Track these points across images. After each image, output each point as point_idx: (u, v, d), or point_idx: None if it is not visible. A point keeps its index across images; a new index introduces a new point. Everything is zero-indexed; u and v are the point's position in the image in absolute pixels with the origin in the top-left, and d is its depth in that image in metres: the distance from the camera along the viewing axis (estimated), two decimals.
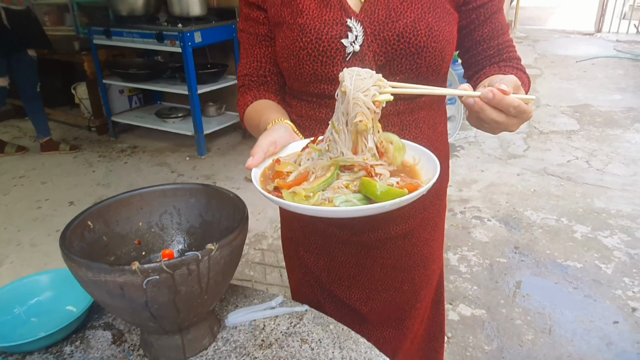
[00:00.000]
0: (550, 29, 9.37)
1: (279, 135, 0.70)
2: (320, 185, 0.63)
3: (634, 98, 4.82)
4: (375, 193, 0.59)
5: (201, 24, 3.27)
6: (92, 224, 0.81)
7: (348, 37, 0.76)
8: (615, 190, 2.97)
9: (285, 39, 0.79)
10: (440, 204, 0.96)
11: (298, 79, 0.81)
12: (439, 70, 0.79)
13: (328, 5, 0.77)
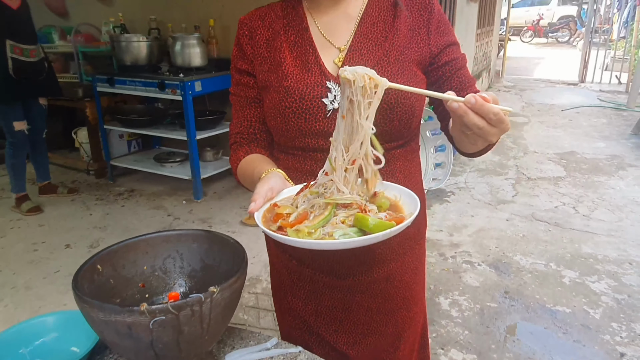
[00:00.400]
0: (537, 78, 9.76)
1: (274, 182, 0.78)
2: (321, 222, 0.70)
3: (617, 146, 5.00)
4: (368, 226, 0.67)
5: (201, 74, 3.42)
6: (101, 267, 0.86)
7: (328, 97, 0.86)
8: (602, 235, 3.05)
9: (272, 100, 0.89)
10: (419, 249, 1.02)
11: (284, 135, 0.90)
12: (410, 124, 0.88)
13: (309, 70, 0.88)
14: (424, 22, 0.90)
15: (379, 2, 0.92)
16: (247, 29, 0.94)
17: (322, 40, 0.90)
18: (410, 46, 0.89)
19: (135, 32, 4.09)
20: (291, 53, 0.90)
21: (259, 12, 0.96)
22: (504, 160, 4.58)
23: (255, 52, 0.93)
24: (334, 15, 0.91)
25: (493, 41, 8.95)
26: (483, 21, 7.56)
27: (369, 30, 0.90)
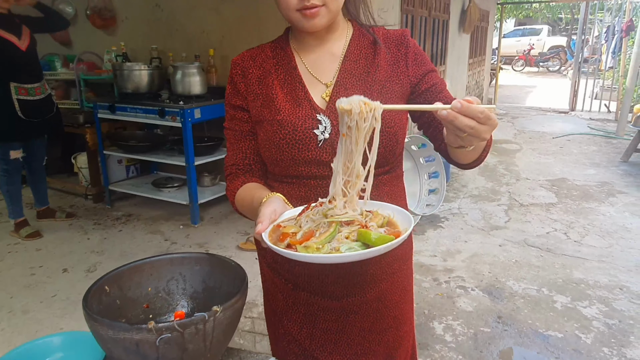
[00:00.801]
0: (528, 106, 9.97)
1: (277, 205, 0.83)
2: (327, 238, 0.75)
3: (607, 173, 5.11)
4: (371, 240, 0.73)
5: (201, 102, 3.51)
6: (109, 288, 0.91)
7: (319, 128, 0.93)
8: (593, 261, 3.10)
9: (266, 133, 0.96)
10: (407, 269, 1.08)
11: (279, 164, 0.96)
12: (394, 150, 0.96)
13: (300, 105, 0.95)
14: (401, 56, 0.98)
15: (360, 41, 1.00)
16: (239, 69, 1.02)
17: (309, 77, 0.98)
18: (392, 79, 0.97)
19: (136, 60, 4.20)
20: (282, 89, 0.98)
21: (250, 52, 1.04)
22: (497, 187, 4.66)
23: (249, 89, 1.00)
24: (320, 54, 0.99)
25: (485, 70, 9.19)
26: (475, 51, 7.79)
27: (352, 66, 0.97)
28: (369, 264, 0.98)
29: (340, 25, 1.00)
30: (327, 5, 0.89)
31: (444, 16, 5.54)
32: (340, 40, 1.00)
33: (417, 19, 4.61)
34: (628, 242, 3.39)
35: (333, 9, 0.91)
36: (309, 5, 0.87)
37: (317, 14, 0.89)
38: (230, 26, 3.88)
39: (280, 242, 0.77)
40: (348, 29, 1.01)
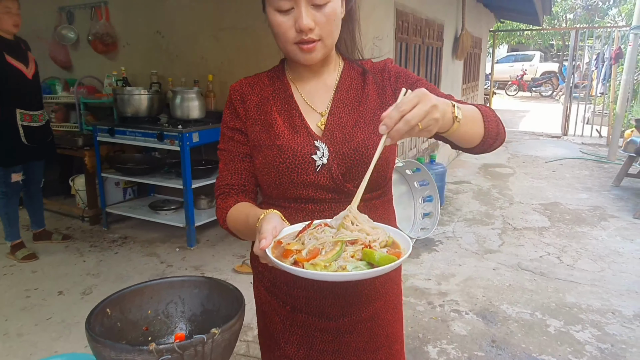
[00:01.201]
0: (522, 131, 10.12)
1: (276, 221, 0.85)
2: (334, 256, 0.78)
3: (599, 197, 5.18)
4: (375, 259, 0.76)
5: (199, 126, 3.58)
6: (110, 311, 0.94)
7: (317, 154, 0.98)
8: (585, 285, 3.13)
9: (266, 157, 1.00)
10: (397, 289, 1.13)
11: (278, 187, 1.00)
12: (385, 174, 1.02)
13: (298, 131, 1.00)
14: (386, 81, 1.05)
15: (350, 73, 1.07)
16: (238, 94, 1.07)
17: (305, 106, 1.04)
18: (382, 107, 1.02)
19: (136, 85, 4.28)
20: (280, 116, 1.03)
21: (247, 80, 1.09)
22: (491, 211, 4.72)
23: (248, 114, 1.05)
24: (314, 84, 1.05)
25: (478, 95, 9.36)
26: (468, 77, 7.95)
27: (344, 96, 1.04)
28: (364, 285, 1.02)
29: (333, 59, 1.06)
30: (323, 40, 0.95)
31: (438, 43, 5.69)
32: (333, 73, 1.06)
33: (411, 47, 4.74)
34: (620, 266, 3.43)
35: (328, 44, 0.97)
36: (307, 40, 0.92)
37: (314, 48, 0.94)
38: (229, 53, 3.98)
39: (284, 258, 0.79)
40: (339, 62, 1.08)
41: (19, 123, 3.25)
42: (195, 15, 4.07)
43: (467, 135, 0.91)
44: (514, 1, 7.04)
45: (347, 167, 0.97)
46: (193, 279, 1.02)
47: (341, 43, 1.05)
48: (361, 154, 0.97)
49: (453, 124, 0.84)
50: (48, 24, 4.90)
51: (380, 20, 3.93)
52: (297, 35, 0.92)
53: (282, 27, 0.93)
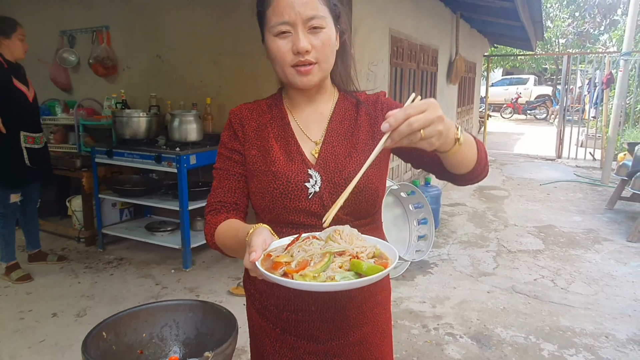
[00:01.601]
0: (516, 153, 10.22)
1: (266, 235, 0.86)
2: (323, 267, 0.80)
3: (592, 220, 5.22)
4: (363, 269, 0.78)
5: (197, 148, 3.62)
6: (106, 334, 0.96)
7: (310, 182, 1.02)
8: (579, 309, 3.14)
9: (261, 182, 1.04)
10: (386, 313, 1.14)
11: (271, 212, 1.03)
12: (375, 203, 1.05)
13: (293, 159, 1.04)
14: (378, 113, 1.09)
15: (344, 104, 1.11)
16: (238, 119, 1.11)
17: (301, 134, 1.08)
18: (374, 137, 1.06)
19: (135, 107, 4.35)
20: (277, 142, 1.07)
21: (247, 106, 1.14)
22: (486, 233, 4.75)
23: (246, 137, 1.09)
24: (309, 113, 1.10)
25: (473, 118, 9.49)
26: (463, 100, 8.08)
27: (338, 126, 1.08)
28: (352, 309, 1.05)
29: (328, 89, 1.11)
30: (320, 63, 0.99)
31: (432, 68, 5.80)
32: (328, 102, 1.11)
33: (405, 71, 4.84)
34: (613, 289, 3.45)
35: (324, 68, 1.01)
36: (304, 62, 0.97)
37: (311, 71, 0.99)
38: (227, 77, 4.06)
39: (274, 270, 0.80)
40: (335, 92, 1.13)
41: (23, 145, 3.31)
42: (195, 40, 4.17)
43: (464, 159, 0.92)
44: (507, 27, 7.21)
45: (337, 196, 1.01)
46: (188, 302, 1.05)
47: (336, 75, 1.10)
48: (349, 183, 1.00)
49: (454, 145, 0.86)
50: (50, 46, 4.99)
51: (375, 46, 4.03)
52: (294, 58, 0.97)
53: (281, 51, 0.98)
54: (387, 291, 1.15)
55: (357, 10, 3.53)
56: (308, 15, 0.95)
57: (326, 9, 0.98)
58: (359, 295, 1.05)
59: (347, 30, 1.09)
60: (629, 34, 6.76)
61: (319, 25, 0.96)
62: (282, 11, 0.95)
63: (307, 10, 0.95)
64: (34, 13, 5.14)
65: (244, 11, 0.93)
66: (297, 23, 0.95)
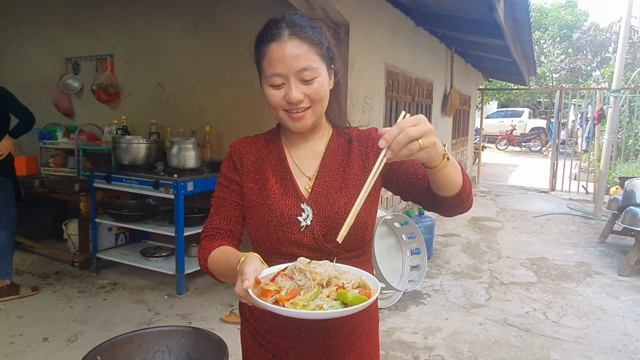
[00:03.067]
0: (511, 185, 10.32)
1: (257, 263, 0.91)
2: (312, 297, 0.86)
3: (585, 253, 5.26)
4: (348, 299, 0.84)
5: (195, 175, 3.69)
6: (101, 358, 1.00)
7: (302, 215, 1.07)
8: (570, 342, 3.16)
9: (257, 215, 1.10)
10: (373, 342, 1.18)
11: (265, 243, 1.09)
12: (364, 236, 1.09)
13: (288, 193, 1.10)
14: (370, 149, 1.14)
15: (338, 140, 1.17)
16: (238, 152, 1.18)
17: (296, 169, 1.14)
18: (365, 171, 1.12)
19: (136, 133, 4.43)
20: (274, 176, 1.13)
21: (247, 140, 1.21)
22: (479, 264, 4.77)
23: (245, 170, 1.15)
24: (304, 150, 1.16)
25: (468, 150, 9.63)
26: (458, 132, 8.23)
27: (331, 162, 1.14)
28: (340, 338, 1.09)
29: (323, 126, 1.17)
30: (313, 107, 1.05)
31: (427, 101, 5.95)
32: (322, 139, 1.17)
33: (401, 104, 4.97)
34: (604, 323, 3.47)
35: (317, 111, 1.07)
36: (297, 109, 1.04)
37: (304, 117, 1.05)
38: (227, 106, 4.17)
39: (264, 298, 0.85)
40: (329, 129, 1.19)
41: None
42: (197, 70, 4.29)
43: (451, 178, 0.95)
44: (501, 63, 7.43)
45: (327, 229, 1.06)
46: (181, 329, 1.09)
47: (330, 112, 1.17)
48: (341, 217, 1.06)
49: (443, 160, 0.90)
50: (54, 73, 5.12)
51: (371, 80, 4.16)
52: (287, 105, 1.04)
53: (275, 99, 1.04)
54: (375, 320, 1.19)
55: (354, 45, 3.66)
56: (299, 67, 1.00)
57: (318, 58, 1.03)
58: (347, 324, 1.09)
59: (341, 69, 1.15)
60: (618, 72, 6.97)
61: (311, 77, 1.02)
62: (275, 64, 1.01)
63: (299, 63, 1.00)
64: (41, 40, 5.29)
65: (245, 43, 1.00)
66: (290, 75, 1.01)
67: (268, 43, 1.03)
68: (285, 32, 1.01)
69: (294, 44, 1.01)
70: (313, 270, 0.89)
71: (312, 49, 1.02)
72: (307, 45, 1.02)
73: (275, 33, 1.02)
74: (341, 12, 3.35)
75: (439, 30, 5.78)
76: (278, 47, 1.01)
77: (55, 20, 5.14)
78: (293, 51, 1.00)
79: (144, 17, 4.53)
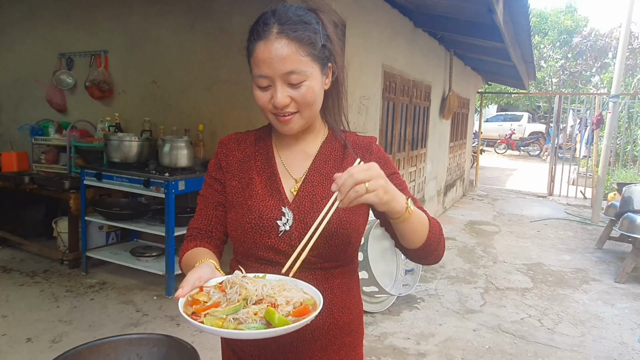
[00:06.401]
0: (508, 189, 10.28)
1: (203, 271, 0.89)
2: (231, 310, 0.81)
3: (582, 259, 5.22)
4: (274, 321, 0.79)
5: (186, 174, 3.62)
6: None
7: (282, 219, 1.01)
8: (565, 350, 3.10)
9: (236, 214, 1.04)
10: (355, 356, 1.11)
11: (242, 245, 1.03)
12: (346, 249, 1.02)
13: (271, 194, 1.04)
14: (365, 160, 1.06)
15: (332, 143, 1.10)
16: (225, 149, 1.12)
17: (283, 170, 1.07)
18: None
19: (128, 131, 4.37)
20: (259, 176, 1.07)
21: (237, 136, 1.14)
22: (474, 269, 4.72)
23: (229, 168, 1.09)
24: (295, 151, 1.09)
25: (466, 153, 9.58)
26: (456, 135, 8.18)
27: (321, 166, 1.07)
28: (315, 351, 1.03)
29: (317, 126, 1.10)
30: (301, 112, 0.98)
31: (425, 103, 5.90)
32: (315, 141, 1.09)
33: (398, 106, 4.91)
34: (600, 331, 3.41)
35: (306, 116, 1.00)
36: (284, 112, 0.97)
37: (290, 120, 0.98)
38: (221, 105, 4.11)
39: (190, 307, 0.84)
40: (324, 130, 1.11)
41: None
42: (191, 68, 4.23)
43: (414, 232, 0.93)
44: (500, 66, 7.38)
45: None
46: (153, 336, 1.02)
47: (326, 111, 1.09)
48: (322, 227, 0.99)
49: (405, 212, 0.88)
50: (48, 68, 5.05)
51: (368, 81, 4.10)
52: (274, 108, 0.98)
53: (261, 100, 0.99)
54: (357, 333, 1.12)
55: (350, 45, 3.61)
56: (286, 70, 0.94)
57: (308, 59, 0.96)
58: (323, 337, 1.03)
59: (342, 67, 1.08)
60: (617, 77, 6.93)
61: (298, 80, 0.95)
62: (261, 65, 0.95)
63: (285, 66, 0.93)
64: (35, 35, 5.22)
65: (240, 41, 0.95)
66: (275, 78, 0.95)
67: (255, 41, 0.96)
68: (273, 29, 0.94)
69: (281, 44, 0.93)
70: (243, 285, 0.85)
71: (302, 49, 0.95)
72: (296, 46, 0.94)
73: (263, 30, 0.95)
74: (338, 10, 3.30)
75: (438, 32, 5.73)
76: (265, 46, 0.94)
77: (50, 15, 5.07)
78: (279, 52, 0.93)
79: (139, 14, 4.47)
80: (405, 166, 5.32)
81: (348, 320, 1.07)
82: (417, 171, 5.80)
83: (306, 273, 0.99)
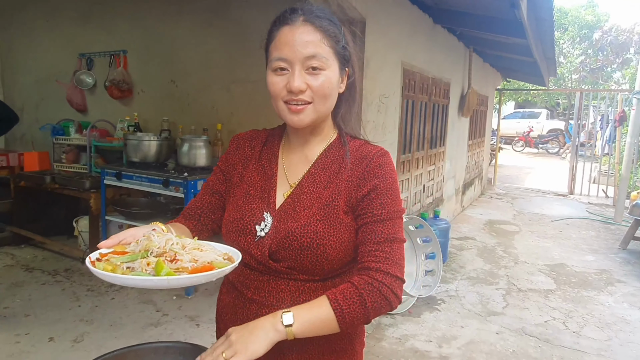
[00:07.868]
0: (528, 187, 10.11)
1: (141, 230, 0.89)
2: (127, 258, 0.82)
3: (605, 260, 5.08)
4: (160, 272, 0.79)
5: (205, 174, 3.62)
6: None
7: (260, 225, 0.99)
8: (592, 355, 3.01)
9: (227, 212, 1.05)
10: None
11: (227, 242, 1.01)
12: (323, 266, 0.95)
13: (262, 197, 1.02)
14: (360, 171, 0.97)
15: (336, 151, 1.03)
16: (236, 144, 1.13)
17: (282, 174, 1.05)
18: (339, 197, 0.96)
19: (147, 130, 4.39)
20: (258, 176, 1.06)
21: (251, 133, 1.14)
22: (495, 270, 4.63)
23: (235, 164, 1.10)
24: (297, 155, 1.05)
25: (485, 151, 9.44)
26: (474, 133, 8.05)
27: (318, 173, 1.01)
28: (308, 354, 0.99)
29: (325, 130, 1.05)
30: (314, 104, 0.95)
31: (444, 101, 5.81)
32: (320, 145, 1.04)
33: (417, 104, 4.84)
34: (627, 335, 3.31)
35: (319, 110, 0.96)
36: (297, 100, 0.94)
37: (303, 110, 0.95)
38: (239, 104, 4.09)
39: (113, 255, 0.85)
40: (332, 135, 1.05)
41: None
42: (209, 67, 4.23)
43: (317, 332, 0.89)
44: (520, 63, 7.23)
45: (277, 247, 0.96)
46: (179, 345, 1.00)
47: (337, 116, 1.05)
48: (290, 238, 0.94)
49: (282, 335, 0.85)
50: (68, 68, 5.10)
51: (387, 79, 4.04)
52: (287, 94, 0.95)
53: (276, 86, 0.96)
54: (357, 343, 1.06)
55: (370, 43, 3.55)
56: (308, 54, 0.92)
57: (330, 51, 0.95)
58: (311, 343, 0.97)
59: (358, 74, 1.04)
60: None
61: (319, 66, 0.93)
62: (282, 47, 0.93)
63: (307, 49, 0.92)
64: (55, 36, 5.28)
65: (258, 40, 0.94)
66: (295, 62, 0.93)
67: (280, 26, 0.95)
68: (300, 17, 0.94)
69: (307, 29, 0.93)
70: (149, 236, 0.85)
71: (326, 40, 0.94)
72: (321, 35, 0.94)
73: (290, 17, 0.95)
74: (357, 8, 3.25)
75: (457, 29, 5.62)
76: (289, 30, 0.93)
77: (69, 15, 5.12)
78: (304, 37, 0.92)
79: (157, 13, 4.48)
80: (424, 165, 5.25)
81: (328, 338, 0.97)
82: (435, 170, 5.72)
83: (279, 282, 0.98)
